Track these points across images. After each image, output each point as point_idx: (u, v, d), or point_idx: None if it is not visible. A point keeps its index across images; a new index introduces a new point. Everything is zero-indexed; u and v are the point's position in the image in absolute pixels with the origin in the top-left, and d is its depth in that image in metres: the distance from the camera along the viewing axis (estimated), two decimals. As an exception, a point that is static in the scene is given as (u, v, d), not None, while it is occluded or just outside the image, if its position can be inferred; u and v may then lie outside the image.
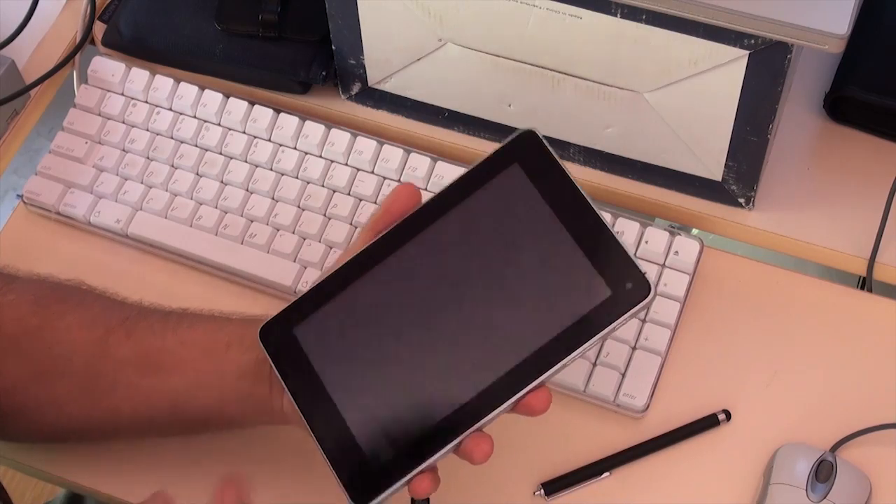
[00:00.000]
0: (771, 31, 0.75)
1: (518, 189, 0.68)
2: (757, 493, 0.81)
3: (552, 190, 0.67)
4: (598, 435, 0.84)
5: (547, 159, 0.68)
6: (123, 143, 0.96)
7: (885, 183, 0.91)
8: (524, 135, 0.69)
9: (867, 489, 0.80)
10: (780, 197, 0.93)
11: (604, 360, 0.85)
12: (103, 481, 0.83)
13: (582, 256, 0.66)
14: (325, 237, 0.90)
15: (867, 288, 0.90)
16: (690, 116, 0.86)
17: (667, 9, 0.77)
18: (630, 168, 0.93)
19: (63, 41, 1.03)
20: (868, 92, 0.93)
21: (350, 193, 0.92)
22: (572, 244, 0.66)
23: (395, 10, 0.88)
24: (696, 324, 0.87)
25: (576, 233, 0.66)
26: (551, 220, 0.67)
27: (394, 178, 0.92)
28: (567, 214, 0.67)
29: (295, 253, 0.90)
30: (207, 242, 0.91)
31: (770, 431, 0.83)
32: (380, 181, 0.92)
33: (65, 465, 0.84)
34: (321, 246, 0.90)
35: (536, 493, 0.82)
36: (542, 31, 0.84)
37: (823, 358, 0.86)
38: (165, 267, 0.92)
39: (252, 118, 0.95)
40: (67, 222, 0.94)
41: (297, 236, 0.91)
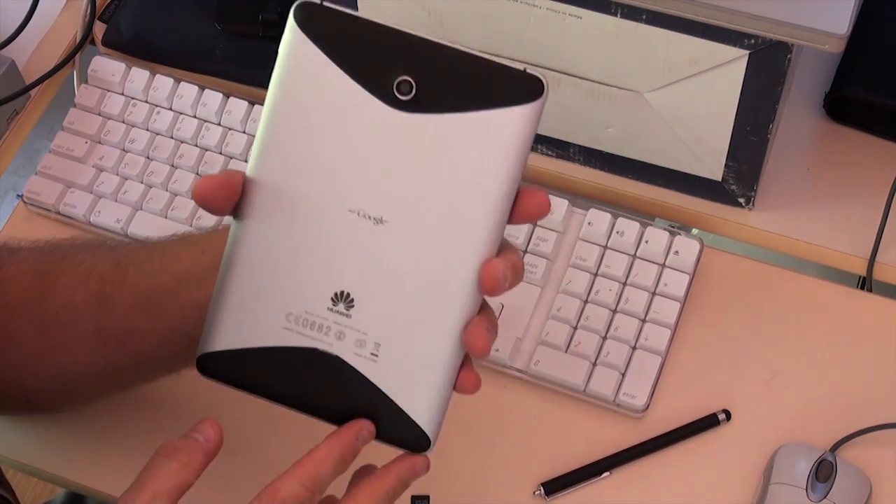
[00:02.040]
0: (771, 31, 0.75)
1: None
2: (757, 493, 0.81)
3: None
4: (598, 435, 0.84)
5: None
6: (123, 143, 0.96)
7: (885, 183, 0.91)
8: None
9: (867, 489, 0.80)
10: (780, 197, 0.93)
11: (604, 359, 0.85)
12: (103, 481, 0.83)
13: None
14: (325, 237, 0.90)
15: (867, 288, 0.90)
16: (690, 116, 0.86)
17: (667, 9, 0.77)
18: (630, 168, 0.93)
19: (63, 41, 1.03)
20: (868, 92, 0.93)
21: (350, 193, 0.92)
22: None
23: (394, 10, 0.88)
24: (696, 324, 0.87)
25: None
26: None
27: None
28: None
29: (295, 253, 0.90)
30: (207, 242, 0.91)
31: (770, 431, 0.83)
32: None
33: (65, 465, 0.84)
34: (321, 246, 0.90)
35: (536, 493, 0.82)
36: (542, 31, 0.84)
37: (823, 358, 0.86)
38: (165, 267, 0.92)
39: (252, 118, 0.95)
40: (67, 222, 0.94)
41: (297, 236, 0.91)
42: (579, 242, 0.89)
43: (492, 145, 0.55)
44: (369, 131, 0.55)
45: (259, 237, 0.57)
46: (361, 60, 0.55)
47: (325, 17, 0.55)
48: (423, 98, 0.55)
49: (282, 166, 0.56)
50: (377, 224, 0.56)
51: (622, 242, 0.88)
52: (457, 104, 0.55)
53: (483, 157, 0.55)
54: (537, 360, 0.85)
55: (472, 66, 0.55)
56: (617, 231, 0.89)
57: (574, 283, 0.87)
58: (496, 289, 0.56)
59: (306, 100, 0.56)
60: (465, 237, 0.56)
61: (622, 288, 0.87)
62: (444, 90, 0.55)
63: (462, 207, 0.56)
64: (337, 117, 0.55)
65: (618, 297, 0.87)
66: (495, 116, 0.55)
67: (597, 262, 0.88)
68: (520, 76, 0.55)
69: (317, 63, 0.55)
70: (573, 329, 0.86)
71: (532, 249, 0.89)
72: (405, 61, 0.55)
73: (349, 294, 0.56)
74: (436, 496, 0.66)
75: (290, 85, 0.56)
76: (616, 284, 0.87)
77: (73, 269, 0.73)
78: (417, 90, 0.55)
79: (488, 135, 0.55)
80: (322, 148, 0.56)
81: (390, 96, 0.55)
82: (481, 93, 0.55)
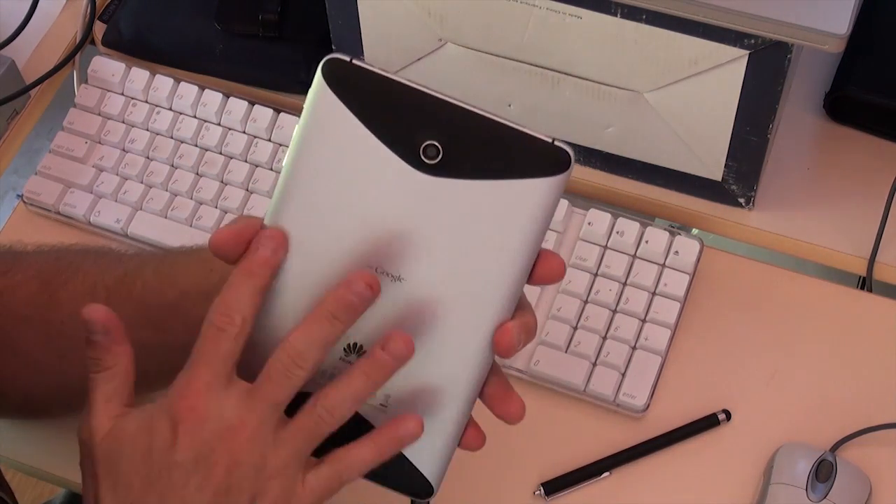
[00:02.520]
0: (771, 31, 0.75)
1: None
2: (757, 493, 0.81)
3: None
4: (598, 435, 0.84)
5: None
6: (123, 143, 0.96)
7: (885, 183, 0.91)
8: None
9: (867, 489, 0.80)
10: (780, 197, 0.93)
11: (604, 359, 0.85)
12: (103, 481, 0.83)
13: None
14: (325, 237, 0.90)
15: (867, 288, 0.90)
16: (690, 116, 0.86)
17: (667, 9, 0.77)
18: (630, 168, 0.93)
19: (63, 41, 1.03)
20: (868, 92, 0.93)
21: (350, 193, 0.92)
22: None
23: (395, 10, 0.88)
24: (696, 324, 0.87)
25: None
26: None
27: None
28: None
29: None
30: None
31: (770, 431, 0.83)
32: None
33: (65, 465, 0.84)
34: (321, 246, 0.90)
35: (536, 493, 0.82)
36: (542, 31, 0.84)
37: (823, 358, 0.86)
38: (165, 267, 0.92)
39: (252, 118, 0.95)
40: (67, 222, 0.94)
41: (297, 236, 0.91)
42: (579, 242, 0.89)
43: (515, 214, 0.55)
44: (393, 192, 0.55)
45: (275, 287, 0.57)
46: (389, 121, 0.55)
47: (354, 75, 0.55)
48: (450, 163, 0.54)
49: (302, 220, 0.56)
50: (395, 281, 0.56)
51: (622, 242, 0.88)
52: (482, 171, 0.55)
53: (506, 225, 0.55)
54: (537, 360, 0.85)
55: (500, 133, 0.54)
56: (617, 231, 0.89)
57: (574, 283, 0.87)
58: (510, 353, 0.57)
59: (330, 157, 0.55)
60: (483, 300, 0.56)
61: (622, 288, 0.87)
62: (470, 156, 0.55)
63: (481, 272, 0.56)
64: (360, 176, 0.55)
65: (618, 297, 0.87)
66: (521, 186, 0.55)
67: (597, 262, 0.88)
68: (547, 148, 0.54)
69: (343, 121, 0.55)
70: (573, 329, 0.86)
71: (532, 249, 0.89)
72: (433, 125, 0.54)
73: (362, 346, 0.57)
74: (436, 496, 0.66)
75: (315, 140, 0.55)
76: (616, 284, 0.87)
77: (79, 279, 0.73)
78: (444, 155, 0.54)
79: (512, 204, 0.55)
80: (344, 205, 0.55)
81: (416, 159, 0.54)
82: (508, 162, 0.55)
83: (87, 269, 0.73)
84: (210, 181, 0.94)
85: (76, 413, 0.82)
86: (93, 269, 0.73)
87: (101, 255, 0.75)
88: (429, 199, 0.55)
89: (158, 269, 0.71)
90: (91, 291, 0.72)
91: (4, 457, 0.85)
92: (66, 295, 0.72)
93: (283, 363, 0.55)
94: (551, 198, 0.55)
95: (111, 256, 0.75)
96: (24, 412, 0.81)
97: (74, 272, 0.73)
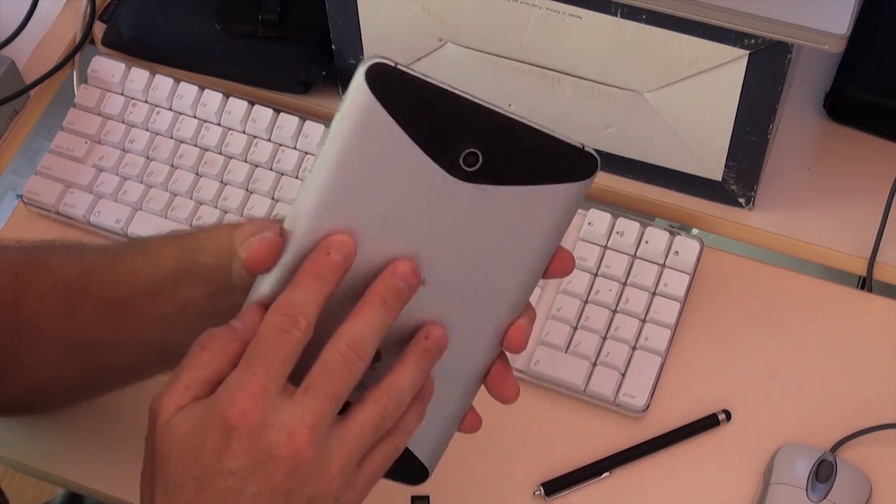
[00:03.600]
0: (771, 31, 0.75)
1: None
2: (757, 493, 0.81)
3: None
4: (598, 435, 0.84)
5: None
6: (123, 143, 0.96)
7: (885, 183, 0.91)
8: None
9: (867, 489, 0.80)
10: (780, 197, 0.93)
11: (604, 359, 0.85)
12: (103, 481, 0.83)
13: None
14: (325, 237, 0.90)
15: (867, 288, 0.90)
16: (690, 116, 0.86)
17: (667, 9, 0.77)
18: (630, 168, 0.93)
19: (63, 41, 1.03)
20: (868, 92, 0.93)
21: (350, 193, 0.92)
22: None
23: (395, 10, 0.88)
24: (696, 324, 0.87)
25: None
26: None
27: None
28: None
29: (295, 253, 0.90)
30: (207, 242, 0.91)
31: (770, 431, 0.83)
32: (380, 181, 0.92)
33: (65, 465, 0.84)
34: (321, 246, 0.90)
35: (536, 493, 0.82)
36: (542, 31, 0.84)
37: (823, 358, 0.86)
38: (165, 267, 0.92)
39: (252, 118, 0.95)
40: (67, 222, 0.94)
41: (297, 236, 0.91)
42: (579, 242, 0.89)
43: (543, 218, 0.56)
44: (430, 200, 0.55)
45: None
46: (430, 129, 0.54)
47: (397, 80, 0.54)
48: (488, 170, 0.55)
49: (336, 225, 0.55)
50: (422, 286, 0.56)
51: (622, 242, 0.88)
52: (516, 177, 0.55)
53: (533, 228, 0.56)
54: (537, 361, 0.85)
55: (534, 139, 0.55)
56: (617, 231, 0.89)
57: (574, 284, 0.87)
58: (520, 350, 0.58)
59: (367, 161, 0.55)
60: (501, 299, 0.57)
61: (622, 288, 0.87)
62: (507, 163, 0.55)
63: (503, 273, 0.56)
64: (399, 184, 0.55)
65: (618, 298, 0.87)
66: (551, 191, 0.55)
67: (597, 262, 0.88)
68: (578, 153, 0.56)
69: (383, 126, 0.54)
70: (573, 329, 0.86)
71: (532, 249, 0.89)
72: (473, 132, 0.54)
73: (378, 351, 0.56)
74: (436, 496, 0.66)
75: (354, 146, 0.54)
76: (616, 284, 0.87)
77: (44, 273, 0.71)
78: (483, 163, 0.54)
79: (541, 208, 0.56)
80: (378, 211, 0.55)
81: (455, 166, 0.54)
82: (542, 167, 0.55)
83: (51, 264, 0.72)
84: (210, 181, 0.94)
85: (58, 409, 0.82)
86: (57, 263, 0.72)
87: (67, 250, 0.74)
88: (463, 206, 0.55)
89: (112, 264, 0.69)
90: (52, 288, 0.70)
91: (4, 457, 0.85)
92: (32, 290, 0.71)
93: (342, 354, 0.53)
94: (577, 201, 0.56)
95: (77, 251, 0.73)
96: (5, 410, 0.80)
97: (41, 267, 0.72)
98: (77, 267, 0.71)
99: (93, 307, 0.69)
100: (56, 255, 0.73)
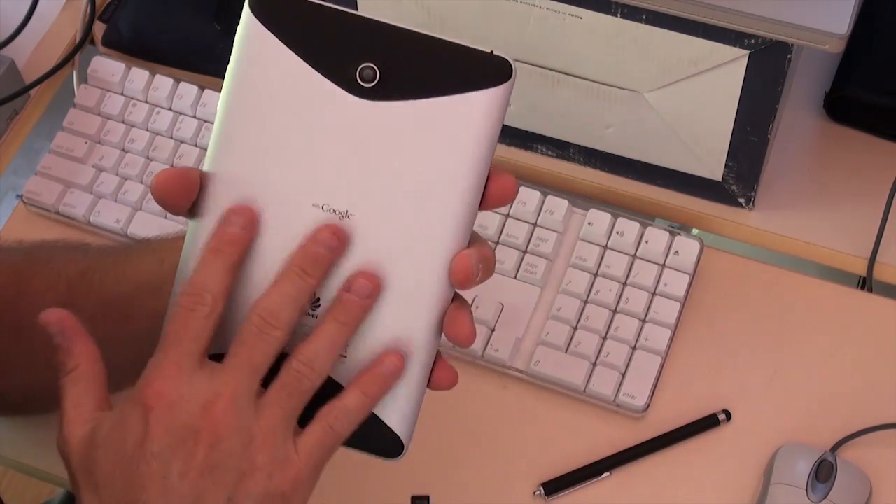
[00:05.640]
0: (771, 31, 0.75)
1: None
2: (757, 493, 0.81)
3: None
4: (598, 435, 0.84)
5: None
6: (123, 143, 0.96)
7: (885, 183, 0.91)
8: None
9: (867, 489, 0.80)
10: (780, 197, 0.93)
11: (604, 359, 0.85)
12: (103, 481, 0.83)
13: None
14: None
15: (867, 288, 0.90)
16: (690, 116, 0.86)
17: (667, 9, 0.77)
18: (630, 168, 0.93)
19: (63, 41, 1.03)
20: (868, 92, 0.93)
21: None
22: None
23: (394, 9, 0.88)
24: (696, 324, 0.87)
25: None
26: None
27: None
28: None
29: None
30: (207, 242, 0.91)
31: (770, 431, 0.83)
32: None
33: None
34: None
35: (536, 493, 0.82)
36: (542, 31, 0.84)
37: (823, 358, 0.86)
38: (165, 267, 0.92)
39: (252, 118, 0.95)
40: (67, 222, 0.94)
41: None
42: (579, 242, 0.89)
43: (460, 131, 0.53)
44: (332, 121, 0.53)
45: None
46: (321, 48, 0.53)
47: (281, 4, 0.53)
48: (388, 85, 0.53)
49: (241, 162, 0.54)
50: (343, 218, 0.54)
51: (622, 242, 0.88)
52: (422, 90, 0.53)
53: (451, 145, 0.53)
54: (537, 361, 0.85)
55: (436, 50, 0.53)
56: (617, 231, 0.89)
57: (574, 284, 0.87)
58: (468, 282, 0.54)
59: (264, 91, 0.53)
60: (435, 229, 0.54)
61: (622, 288, 0.87)
62: (408, 76, 0.53)
63: (431, 198, 0.53)
64: (297, 108, 0.53)
65: (618, 298, 0.87)
66: (462, 101, 0.53)
67: (597, 263, 0.88)
68: (487, 59, 0.53)
69: (274, 52, 0.53)
70: (573, 329, 0.86)
71: (532, 249, 0.89)
72: (367, 47, 0.53)
73: (318, 298, 0.54)
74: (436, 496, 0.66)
75: (247, 76, 0.53)
76: (616, 284, 0.87)
77: (46, 272, 0.72)
78: (381, 77, 0.52)
79: (456, 121, 0.53)
80: (283, 141, 0.54)
81: (353, 84, 0.53)
82: (447, 77, 0.53)
83: (54, 262, 0.72)
84: (210, 181, 0.94)
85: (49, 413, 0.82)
86: (59, 262, 0.72)
87: (69, 249, 0.74)
88: (370, 125, 0.53)
89: (116, 262, 0.70)
90: (54, 285, 0.71)
91: (4, 457, 0.85)
92: (33, 288, 0.71)
93: (255, 325, 0.53)
94: (496, 111, 0.53)
95: (79, 250, 0.73)
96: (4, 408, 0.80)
97: (43, 265, 0.72)
98: (80, 266, 0.71)
99: (95, 304, 0.69)
100: (59, 255, 0.73)
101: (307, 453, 0.54)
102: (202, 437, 0.52)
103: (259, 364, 0.53)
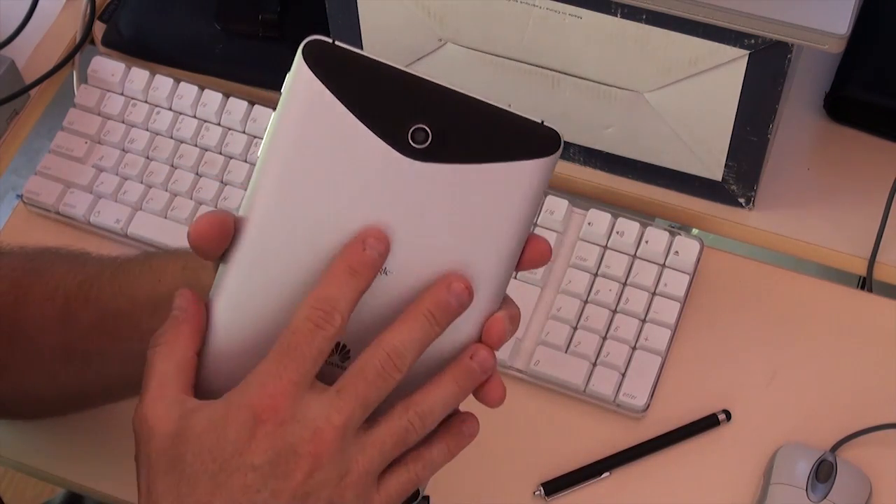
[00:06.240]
0: (771, 31, 0.75)
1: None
2: (757, 493, 0.81)
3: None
4: (598, 435, 0.84)
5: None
6: (123, 143, 0.96)
7: (885, 183, 0.91)
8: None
9: (867, 489, 0.80)
10: (780, 197, 0.93)
11: (604, 359, 0.85)
12: (103, 481, 0.83)
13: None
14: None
15: (867, 288, 0.90)
16: (690, 116, 0.86)
17: (667, 9, 0.77)
18: (630, 168, 0.93)
19: (63, 41, 1.03)
20: (868, 92, 0.93)
21: (350, 193, 0.92)
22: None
23: (395, 10, 0.88)
24: (696, 324, 0.87)
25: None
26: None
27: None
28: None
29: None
30: (207, 242, 0.91)
31: (770, 431, 0.83)
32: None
33: (65, 465, 0.84)
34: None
35: (536, 493, 0.82)
36: (542, 31, 0.84)
37: (823, 358, 0.86)
38: (165, 267, 0.92)
39: (252, 118, 0.95)
40: (67, 222, 0.94)
41: (297, 236, 0.91)
42: (579, 242, 0.89)
43: (506, 199, 0.53)
44: (378, 179, 0.52)
45: (252, 284, 0.53)
46: (374, 104, 0.52)
47: (337, 57, 0.52)
48: (438, 147, 0.52)
49: (283, 213, 0.53)
50: (380, 275, 0.53)
51: (622, 242, 0.88)
52: (473, 155, 0.52)
53: (497, 210, 0.53)
54: (537, 361, 0.85)
55: (488, 116, 0.52)
56: (617, 231, 0.89)
57: (574, 284, 0.87)
58: (500, 343, 0.55)
59: (313, 143, 0.52)
60: (473, 290, 0.54)
61: (622, 288, 0.87)
62: (460, 140, 0.52)
63: (472, 263, 0.53)
64: (345, 163, 0.52)
65: (618, 298, 0.87)
66: (511, 169, 0.53)
67: (597, 263, 0.88)
68: (536, 129, 0.53)
69: (326, 105, 0.52)
70: (573, 329, 0.86)
71: (532, 249, 0.88)
72: (421, 108, 0.52)
73: (345, 346, 0.54)
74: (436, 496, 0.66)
75: (295, 126, 0.52)
76: (616, 284, 0.87)
77: (45, 281, 0.71)
78: (433, 139, 0.52)
79: (503, 188, 0.53)
80: (327, 195, 0.53)
81: (404, 144, 0.52)
82: (498, 144, 0.53)
83: (53, 271, 0.72)
84: (210, 181, 0.94)
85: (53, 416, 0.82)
86: (59, 272, 0.71)
87: (70, 259, 0.73)
88: (417, 186, 0.52)
89: (113, 276, 0.69)
90: (52, 296, 0.70)
91: (4, 457, 0.85)
92: (31, 296, 0.71)
93: (380, 361, 0.51)
94: (542, 180, 0.53)
95: (79, 260, 0.73)
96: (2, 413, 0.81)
97: (42, 274, 0.72)
98: (79, 277, 0.71)
99: (91, 317, 0.69)
100: (58, 264, 0.73)
101: (388, 497, 0.53)
102: (304, 461, 0.51)
103: (372, 402, 0.52)
